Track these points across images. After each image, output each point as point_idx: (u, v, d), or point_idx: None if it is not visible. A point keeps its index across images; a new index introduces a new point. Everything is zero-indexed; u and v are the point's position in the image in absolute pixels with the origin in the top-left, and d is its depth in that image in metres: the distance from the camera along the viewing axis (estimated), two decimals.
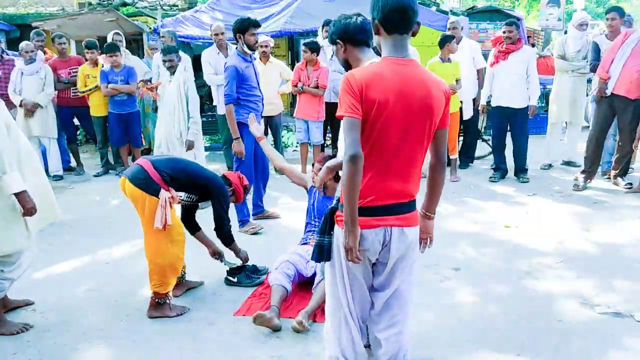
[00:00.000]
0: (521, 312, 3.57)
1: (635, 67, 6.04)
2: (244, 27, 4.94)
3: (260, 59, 7.30)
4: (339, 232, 2.22)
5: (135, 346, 3.26)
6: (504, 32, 6.69)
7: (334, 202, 2.29)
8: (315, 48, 6.92)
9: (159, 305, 3.55)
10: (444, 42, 6.71)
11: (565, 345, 3.19)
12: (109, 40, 7.70)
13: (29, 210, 3.19)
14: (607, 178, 6.79)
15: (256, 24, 5.10)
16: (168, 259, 3.48)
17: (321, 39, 7.41)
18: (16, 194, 3.15)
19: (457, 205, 5.97)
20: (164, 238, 3.46)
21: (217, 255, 4.05)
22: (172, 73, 5.76)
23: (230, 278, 4.01)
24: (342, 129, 2.13)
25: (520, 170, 6.98)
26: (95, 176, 7.60)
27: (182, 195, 3.65)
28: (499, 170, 7.06)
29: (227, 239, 3.95)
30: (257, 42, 5.36)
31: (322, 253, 2.29)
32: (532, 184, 6.75)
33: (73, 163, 8.00)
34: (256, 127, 4.01)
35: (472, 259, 4.50)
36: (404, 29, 2.14)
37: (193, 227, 4.00)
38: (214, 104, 7.30)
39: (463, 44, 7.26)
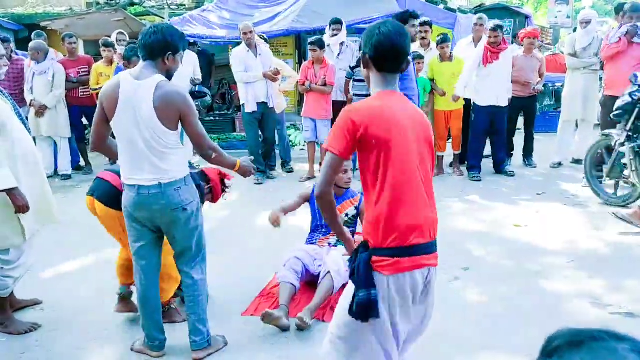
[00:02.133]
0: (531, 313, 3.54)
1: (628, 66, 6.10)
2: (404, 18, 4.91)
3: None
4: (382, 280, 2.00)
5: None
6: (489, 37, 6.70)
7: (358, 249, 2.09)
8: (321, 45, 6.91)
9: (164, 313, 3.37)
10: (437, 44, 7.09)
11: None
12: (112, 39, 7.71)
13: (20, 207, 3.17)
14: None
15: (415, 16, 5.09)
16: (165, 272, 3.24)
17: (328, 38, 7.39)
18: (7, 191, 3.14)
19: (465, 204, 5.94)
20: None
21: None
22: None
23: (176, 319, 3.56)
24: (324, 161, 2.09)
25: (504, 163, 7.18)
26: None
27: None
28: (476, 168, 7.05)
29: None
30: (417, 33, 5.34)
31: (369, 310, 1.97)
32: (542, 183, 6.70)
33: (82, 162, 8.02)
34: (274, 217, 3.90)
35: (481, 259, 4.47)
36: (396, 69, 2.15)
37: None
38: (241, 102, 7.21)
39: (484, 41, 7.23)
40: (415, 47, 7.06)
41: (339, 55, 7.41)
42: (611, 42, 6.40)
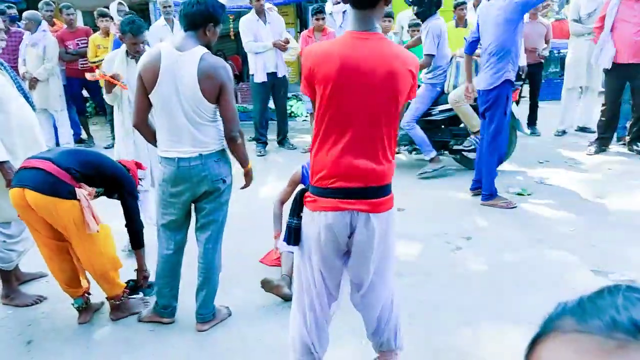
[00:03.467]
0: (533, 281, 3.54)
1: (629, 33, 5.99)
2: None
3: None
4: (307, 214, 2.20)
5: None
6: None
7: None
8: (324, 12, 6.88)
9: (119, 306, 3.29)
10: (454, 7, 6.84)
11: None
12: (112, 9, 7.62)
13: (10, 182, 3.11)
14: (623, 144, 6.68)
15: None
16: (106, 262, 3.10)
17: (330, 6, 7.28)
18: None
19: (467, 173, 5.91)
20: (92, 241, 3.00)
21: (141, 280, 3.42)
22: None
23: (121, 314, 3.36)
24: None
25: None
26: (105, 148, 7.58)
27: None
28: None
29: (140, 238, 3.32)
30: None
31: (290, 235, 2.26)
32: (545, 151, 6.67)
33: (84, 135, 8.01)
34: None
35: (483, 228, 4.47)
36: (367, 4, 2.06)
37: None
38: (251, 72, 7.10)
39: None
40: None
41: (341, 24, 7.32)
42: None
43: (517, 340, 2.70)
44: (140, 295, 3.48)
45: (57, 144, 7.51)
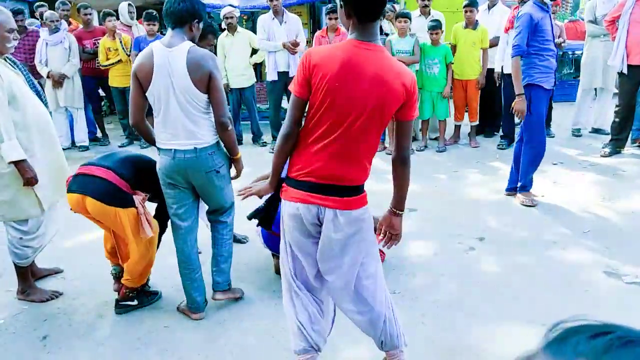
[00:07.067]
0: (547, 282, 3.54)
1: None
2: None
3: (227, 30, 7.33)
4: (282, 202, 2.31)
5: (161, 308, 3.33)
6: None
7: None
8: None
9: (128, 297, 3.36)
10: (463, 7, 6.82)
11: (591, 315, 3.14)
12: (123, 10, 7.70)
13: (28, 180, 3.18)
14: (637, 146, 6.63)
15: None
16: (149, 259, 3.28)
17: None
18: (15, 163, 3.13)
19: (481, 174, 5.90)
20: (145, 242, 3.18)
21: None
22: None
23: (130, 303, 3.38)
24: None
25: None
26: (120, 147, 7.67)
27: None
28: (507, 137, 6.96)
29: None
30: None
31: (257, 214, 2.81)
32: (559, 152, 6.63)
33: (99, 134, 8.09)
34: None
35: (496, 229, 4.46)
36: (376, 17, 2.11)
37: None
38: (265, 70, 7.21)
39: (496, 9, 7.10)
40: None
41: None
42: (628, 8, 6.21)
43: (530, 341, 2.69)
44: (135, 303, 3.38)
45: (73, 143, 7.60)
